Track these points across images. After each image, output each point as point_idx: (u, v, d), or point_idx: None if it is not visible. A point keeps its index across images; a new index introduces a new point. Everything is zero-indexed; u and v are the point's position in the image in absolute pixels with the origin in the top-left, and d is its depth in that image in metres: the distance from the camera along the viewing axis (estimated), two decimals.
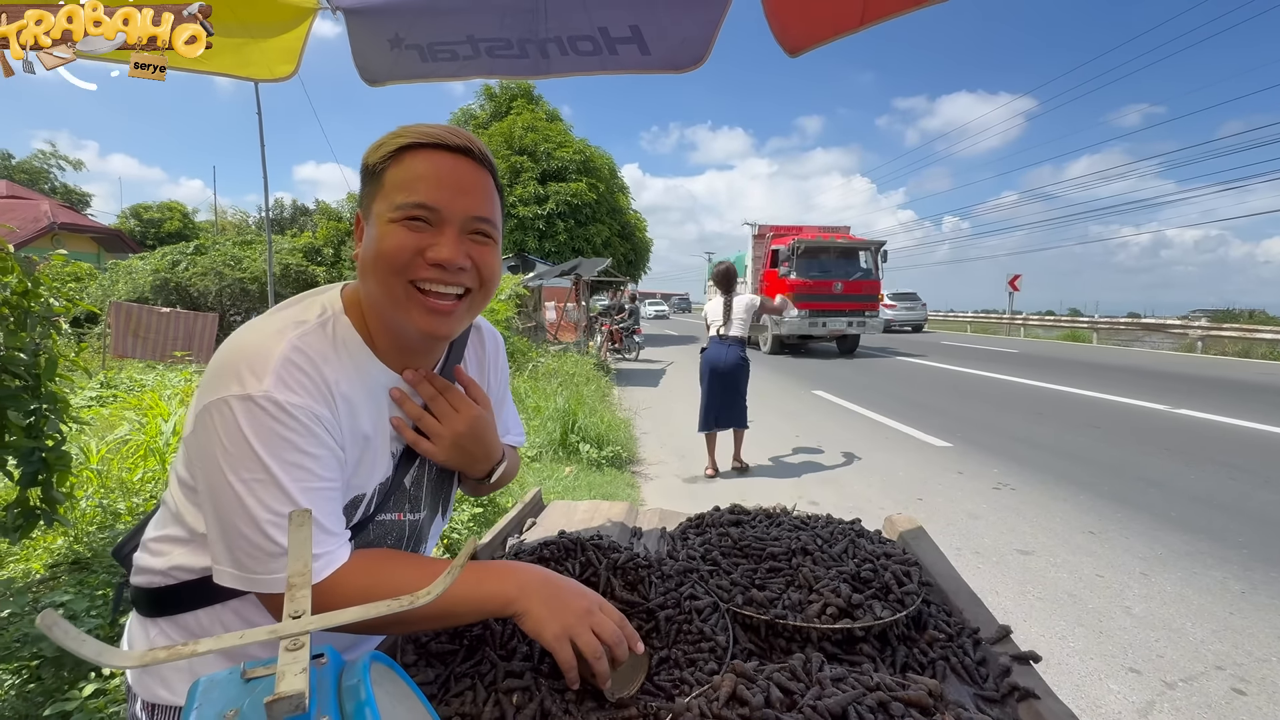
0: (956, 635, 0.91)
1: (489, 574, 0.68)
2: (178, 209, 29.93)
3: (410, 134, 0.69)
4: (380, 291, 0.70)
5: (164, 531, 0.74)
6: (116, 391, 6.36)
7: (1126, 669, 2.25)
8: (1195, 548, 3.32)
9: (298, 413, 0.64)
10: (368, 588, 0.64)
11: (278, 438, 0.62)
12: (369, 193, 0.71)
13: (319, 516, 0.64)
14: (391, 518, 0.79)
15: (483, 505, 3.09)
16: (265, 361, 0.64)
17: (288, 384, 0.64)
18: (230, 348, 0.67)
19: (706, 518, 1.17)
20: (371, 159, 0.70)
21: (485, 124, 20.14)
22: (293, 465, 0.63)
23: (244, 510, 0.62)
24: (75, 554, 2.63)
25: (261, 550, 0.62)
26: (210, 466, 0.63)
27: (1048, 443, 5.74)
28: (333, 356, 0.69)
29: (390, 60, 1.15)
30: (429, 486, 0.84)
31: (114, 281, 13.41)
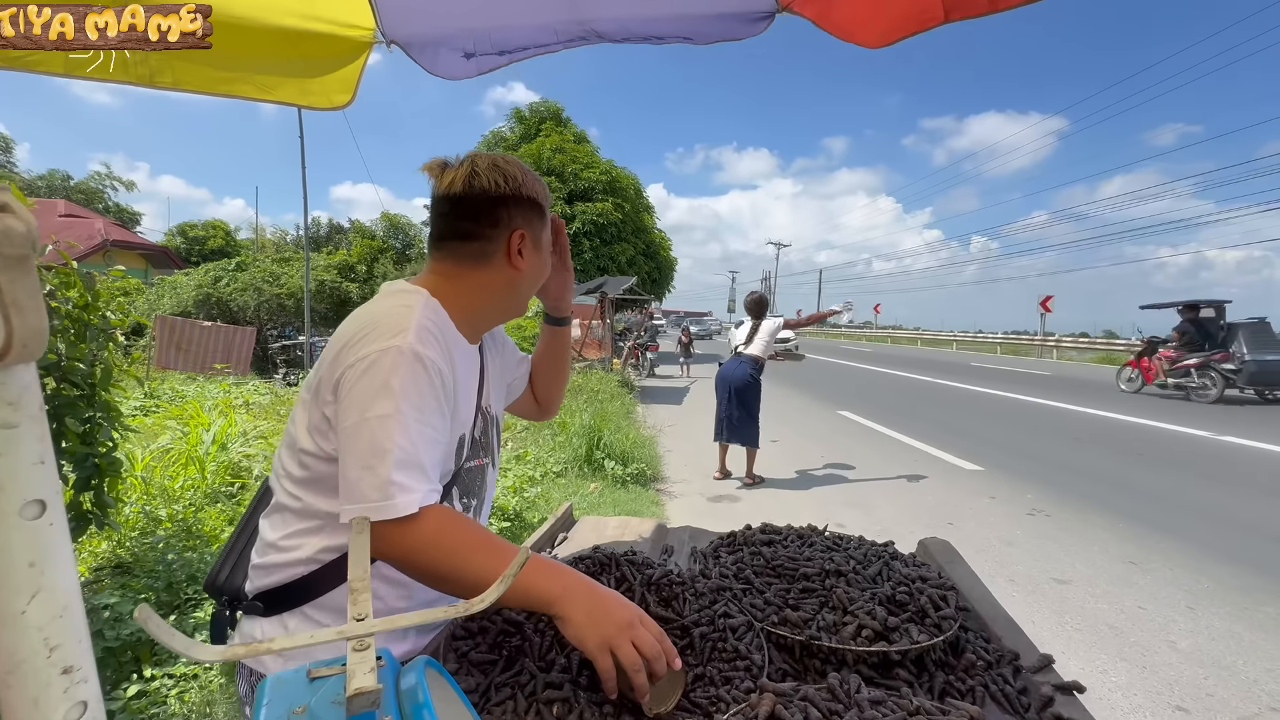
0: (996, 662, 0.89)
1: (540, 569, 0.71)
2: (221, 227, 31.18)
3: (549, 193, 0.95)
4: (529, 294, 0.96)
5: (292, 529, 0.83)
6: (159, 401, 6.60)
7: (1174, 707, 2.15)
8: (1245, 581, 3.17)
9: (429, 365, 0.76)
10: (447, 535, 0.72)
11: (412, 382, 0.74)
12: (540, 225, 0.93)
13: (422, 458, 0.74)
14: (474, 464, 0.94)
15: (510, 519, 3.12)
16: (405, 322, 0.77)
17: (424, 340, 0.77)
18: (363, 320, 0.79)
19: (739, 536, 1.17)
20: (544, 204, 0.93)
21: (515, 146, 20.60)
22: (417, 408, 0.74)
23: (374, 443, 0.71)
24: (118, 558, 2.73)
25: (380, 478, 0.70)
26: (350, 409, 0.73)
27: (1084, 468, 5.56)
28: (444, 325, 0.84)
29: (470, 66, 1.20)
30: (490, 436, 1.00)
31: (160, 296, 13.97)
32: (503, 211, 0.88)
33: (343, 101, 1.19)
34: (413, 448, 0.72)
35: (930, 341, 35.05)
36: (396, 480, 0.70)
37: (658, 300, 24.72)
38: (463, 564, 0.70)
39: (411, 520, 0.70)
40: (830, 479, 5.26)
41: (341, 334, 0.80)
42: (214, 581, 0.91)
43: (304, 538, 0.83)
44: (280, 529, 0.84)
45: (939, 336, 35.12)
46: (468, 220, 0.88)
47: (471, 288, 0.90)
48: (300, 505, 0.83)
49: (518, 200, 0.89)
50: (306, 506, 0.82)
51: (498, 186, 0.87)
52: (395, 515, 0.69)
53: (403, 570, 0.74)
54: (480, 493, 0.99)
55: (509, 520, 3.09)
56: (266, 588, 0.84)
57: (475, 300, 0.90)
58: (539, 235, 0.93)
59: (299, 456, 0.82)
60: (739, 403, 4.90)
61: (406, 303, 0.81)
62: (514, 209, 0.89)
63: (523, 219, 0.90)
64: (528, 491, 3.64)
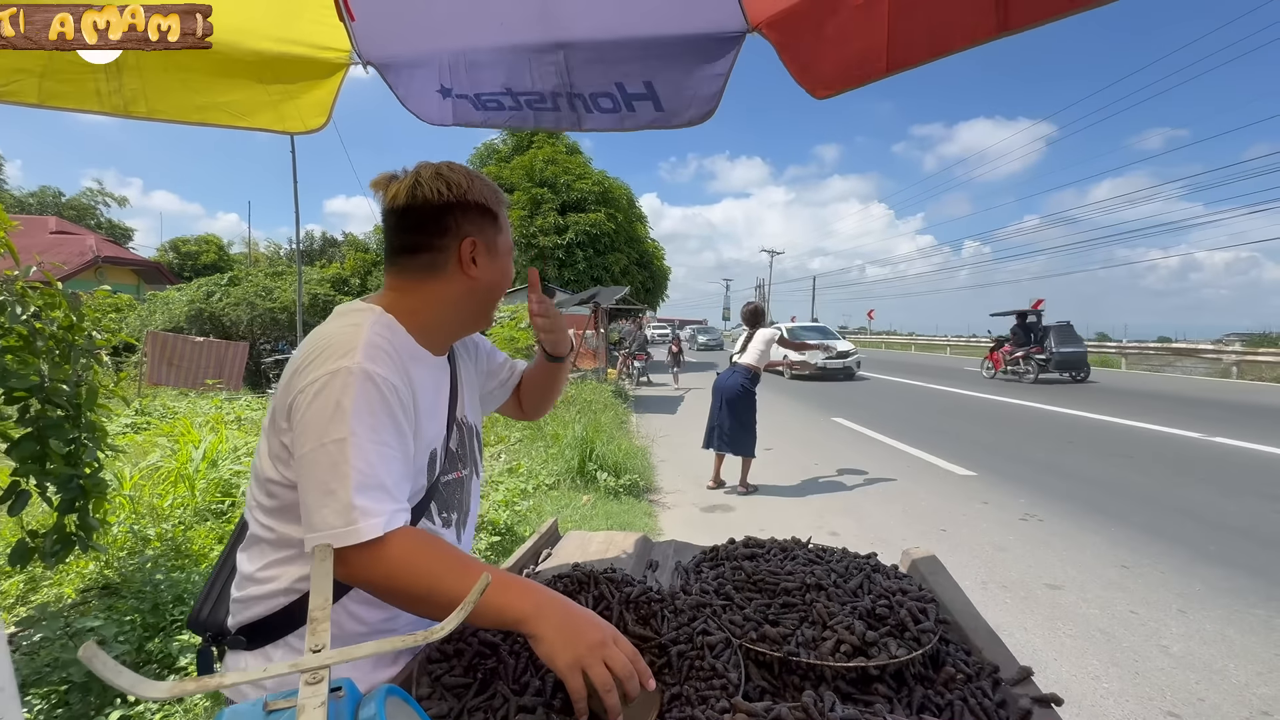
0: (975, 675, 0.89)
1: (511, 587, 0.71)
2: (214, 242, 31.11)
3: (504, 195, 0.94)
4: (492, 302, 0.94)
5: (268, 560, 0.83)
6: (150, 418, 6.55)
7: (1165, 713, 2.15)
8: (1236, 584, 3.18)
9: (381, 383, 0.75)
10: (414, 557, 0.71)
11: (364, 401, 0.73)
12: (494, 230, 0.90)
13: (384, 478, 0.73)
14: (452, 477, 0.94)
15: (500, 534, 3.10)
16: (353, 342, 0.76)
17: (373, 358, 0.76)
18: (312, 343, 0.79)
19: (721, 551, 1.17)
20: (495, 207, 0.90)
21: (507, 158, 20.67)
22: (371, 428, 0.73)
23: (334, 467, 0.70)
24: (106, 579, 2.70)
25: (340, 503, 0.69)
26: (305, 436, 0.73)
27: (1077, 472, 5.58)
28: (399, 341, 0.83)
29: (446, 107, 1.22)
30: (468, 447, 0.99)
31: (152, 312, 13.90)
32: (449, 220, 0.87)
33: (317, 124, 1.20)
34: (371, 469, 0.71)
35: (924, 346, 35.19)
36: (358, 504, 0.69)
37: (652, 310, 24.76)
38: (435, 585, 0.70)
39: (378, 544, 0.70)
40: (823, 486, 5.26)
41: (293, 359, 0.80)
42: (197, 618, 0.91)
43: (280, 568, 0.82)
44: (257, 561, 0.83)
45: (933, 341, 35.27)
46: (414, 232, 0.87)
47: (427, 301, 0.88)
48: (274, 536, 0.82)
49: (464, 207, 0.87)
50: (280, 536, 0.82)
51: (441, 195, 0.85)
52: (360, 540, 0.68)
53: (375, 595, 0.74)
54: (461, 506, 0.98)
55: (500, 534, 3.07)
56: (248, 621, 0.83)
57: (432, 313, 0.89)
58: (493, 241, 0.90)
59: (266, 486, 0.82)
60: (731, 413, 4.90)
61: (354, 321, 0.81)
62: (461, 216, 0.87)
63: (472, 226, 0.88)
64: (519, 505, 3.63)
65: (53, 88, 0.97)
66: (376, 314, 0.83)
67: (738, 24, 1.05)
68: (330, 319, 0.85)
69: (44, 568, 2.62)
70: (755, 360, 4.90)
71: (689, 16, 1.06)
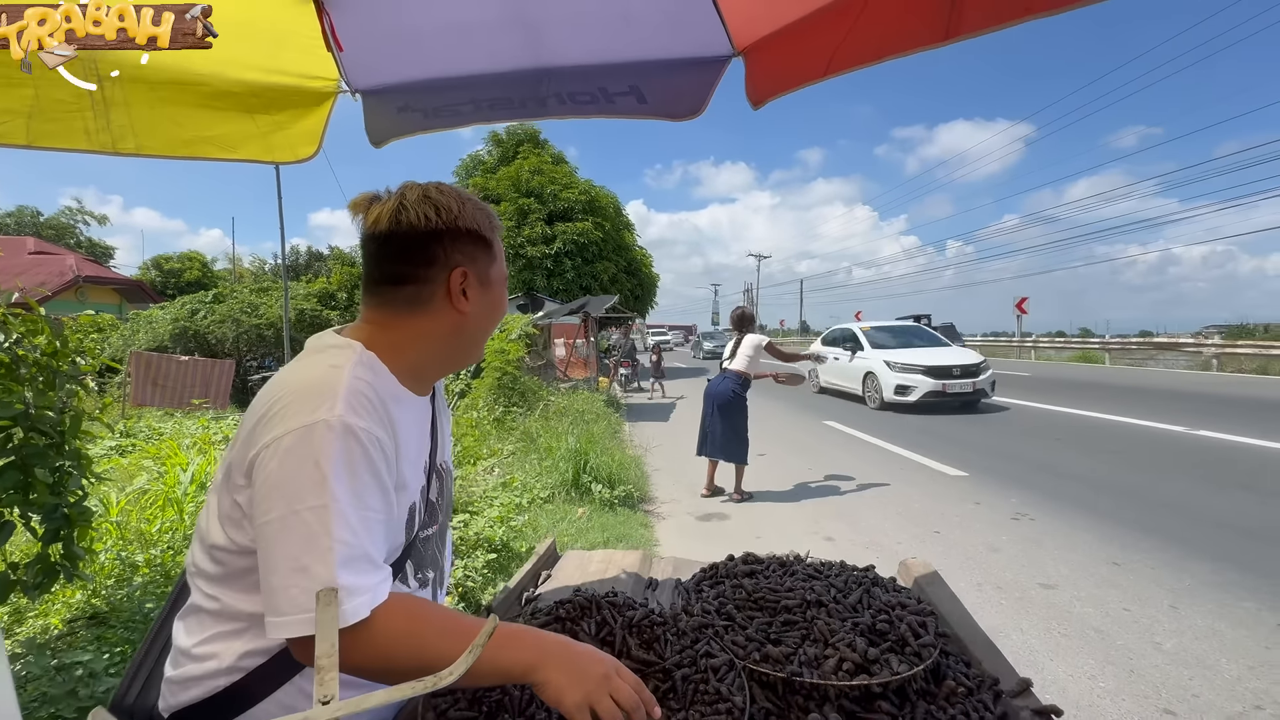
0: (976, 689, 0.90)
1: (511, 641, 0.68)
2: (197, 259, 30.78)
3: (498, 219, 0.86)
4: (483, 338, 0.87)
5: (209, 633, 0.72)
6: (135, 440, 6.45)
7: (1161, 710, 2.18)
8: (1225, 577, 3.23)
9: (364, 438, 0.67)
10: (406, 632, 0.65)
11: (344, 461, 0.65)
12: (486, 260, 0.83)
13: (368, 548, 0.66)
14: (431, 531, 0.87)
15: (497, 551, 3.08)
16: (333, 389, 0.67)
17: (355, 409, 0.67)
18: (282, 388, 0.69)
19: (721, 568, 1.17)
20: (489, 234, 0.83)
21: (493, 169, 20.67)
22: (353, 492, 0.65)
23: (311, 540, 0.62)
24: (93, 608, 2.64)
25: (317, 582, 0.61)
26: (271, 500, 0.64)
27: (1066, 469, 5.65)
28: (381, 383, 0.74)
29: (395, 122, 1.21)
30: (444, 495, 0.92)
31: (135, 331, 13.71)
32: (437, 249, 0.78)
33: (307, 154, 1.20)
34: (355, 539, 0.64)
35: None
36: (343, 583, 0.61)
37: (641, 317, 24.79)
38: (435, 657, 0.62)
39: (365, 624, 0.63)
40: (818, 491, 5.27)
41: (256, 405, 0.70)
42: (121, 702, 0.79)
43: (223, 642, 0.72)
44: (196, 634, 0.73)
45: None
46: (398, 261, 0.78)
47: (411, 337, 0.79)
48: (218, 606, 0.72)
49: (454, 234, 0.78)
50: (225, 607, 0.72)
51: (428, 220, 0.76)
52: (345, 624, 0.61)
53: (365, 678, 0.67)
54: (438, 562, 0.90)
55: (495, 551, 3.05)
56: (183, 705, 0.72)
57: (418, 351, 0.80)
58: (485, 271, 0.82)
59: (211, 552, 0.72)
60: (723, 419, 4.89)
61: (334, 362, 0.72)
62: (451, 245, 0.78)
63: (463, 255, 0.79)
64: (515, 520, 3.61)
65: (40, 128, 0.96)
66: (357, 353, 0.74)
67: (724, 49, 1.07)
68: (304, 356, 0.76)
69: (26, 599, 2.56)
70: (745, 366, 4.90)
71: (676, 42, 1.07)
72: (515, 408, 7.68)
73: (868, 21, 0.91)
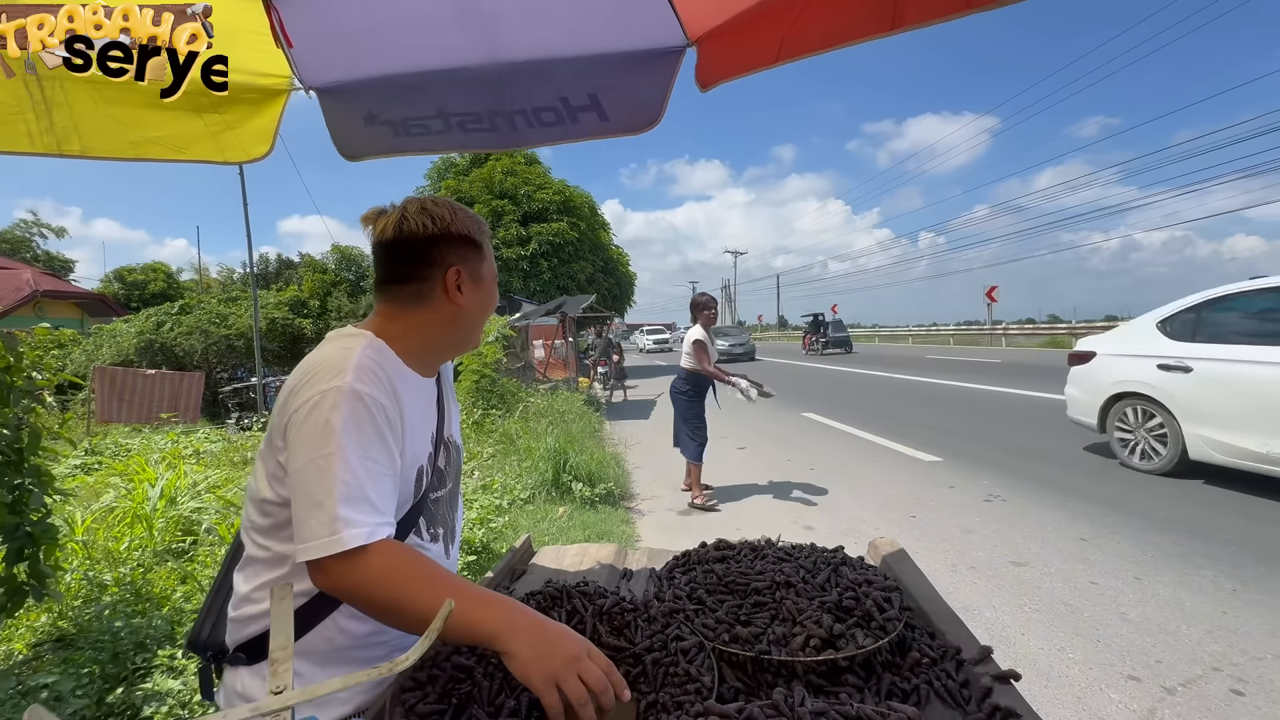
0: (940, 659, 0.92)
1: (484, 603, 0.73)
2: (161, 270, 29.94)
3: (486, 226, 0.99)
4: (478, 327, 1.00)
5: (264, 579, 0.86)
6: (101, 458, 6.26)
7: (1126, 677, 2.26)
8: (1185, 548, 3.35)
9: (369, 402, 0.79)
10: (392, 570, 0.74)
11: (351, 419, 0.77)
12: (477, 260, 0.96)
13: (368, 491, 0.77)
14: (441, 494, 0.99)
15: (476, 552, 3.06)
16: (344, 364, 0.81)
17: (362, 378, 0.80)
18: (306, 366, 0.83)
19: (693, 555, 1.19)
20: (479, 238, 0.95)
21: (465, 171, 20.48)
22: (358, 444, 0.77)
23: (323, 480, 0.74)
24: (60, 630, 2.57)
25: (327, 514, 0.73)
26: (297, 452, 0.77)
27: (1036, 451, 5.80)
28: (388, 363, 0.87)
29: (366, 136, 1.21)
30: (451, 464, 1.04)
31: (98, 346, 13.31)
32: (434, 252, 0.92)
33: (260, 153, 1.18)
34: (356, 482, 0.75)
35: (887, 337, 36.04)
36: (342, 515, 0.73)
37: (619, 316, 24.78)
38: (411, 599, 0.72)
39: (359, 554, 0.73)
40: (796, 481, 5.34)
41: (289, 382, 0.84)
42: (196, 639, 0.94)
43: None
44: (253, 580, 0.87)
45: (895, 332, 36.16)
46: (402, 264, 0.93)
47: (415, 325, 0.93)
48: (269, 554, 0.85)
49: (448, 239, 0.92)
50: (275, 554, 0.85)
51: (426, 228, 0.90)
52: (342, 549, 0.72)
53: (353, 605, 0.76)
54: (448, 521, 1.03)
55: (475, 553, 3.03)
56: (246, 638, 0.86)
57: (421, 337, 0.94)
58: (477, 269, 0.96)
59: (261, 506, 0.85)
60: (676, 413, 4.85)
61: (346, 345, 0.85)
62: (446, 248, 0.92)
63: (456, 255, 0.93)
64: (494, 521, 3.59)
65: None
66: (368, 339, 0.87)
67: (678, 39, 1.08)
68: (323, 344, 0.89)
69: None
70: (689, 363, 4.65)
71: (630, 34, 1.08)
72: (494, 410, 7.62)
73: (816, 10, 0.93)
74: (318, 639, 0.85)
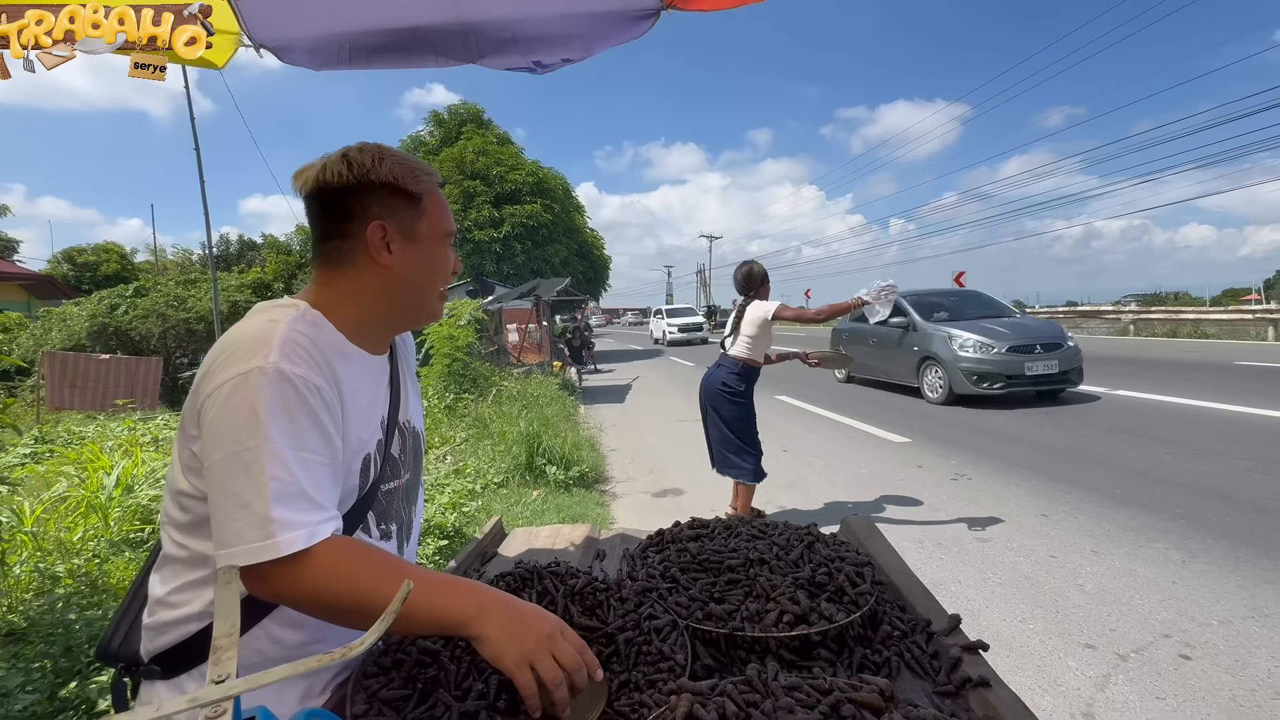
0: (910, 631, 0.93)
1: (449, 589, 0.68)
2: (115, 250, 28.62)
3: (434, 175, 0.87)
4: (421, 293, 0.87)
5: (182, 581, 0.77)
6: (53, 446, 6.00)
7: (1083, 645, 2.35)
8: (1139, 522, 3.50)
9: (300, 383, 0.70)
10: (339, 567, 0.67)
11: (280, 404, 0.68)
12: (411, 215, 0.83)
13: (306, 486, 0.68)
14: (393, 485, 0.89)
15: (449, 537, 3.03)
16: (268, 340, 0.71)
17: (290, 357, 0.71)
18: (224, 343, 0.73)
19: (666, 534, 1.18)
20: (413, 187, 0.82)
21: (435, 150, 19.98)
22: (289, 433, 0.68)
23: (249, 476, 0.66)
24: (10, 624, 2.46)
25: (256, 515, 0.65)
26: (216, 443, 0.68)
27: (1000, 431, 5.97)
28: (322, 336, 0.78)
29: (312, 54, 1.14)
30: (409, 452, 0.94)
31: (47, 330, 12.70)
32: (354, 204, 0.80)
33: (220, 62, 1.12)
34: (292, 477, 0.67)
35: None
36: (276, 517, 0.65)
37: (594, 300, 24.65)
38: (369, 595, 0.65)
39: (302, 557, 0.65)
40: (771, 463, 5.36)
41: (205, 361, 0.74)
42: (107, 648, 0.83)
43: (194, 590, 0.76)
44: (169, 583, 0.77)
45: None
46: (322, 219, 0.83)
47: (349, 292, 0.83)
48: (187, 554, 0.76)
49: (369, 188, 0.80)
50: (194, 555, 0.76)
51: (341, 177, 0.79)
52: (279, 555, 0.64)
53: (305, 612, 0.70)
54: (403, 516, 0.93)
55: (448, 538, 3.00)
56: (161, 649, 0.77)
57: (357, 308, 0.83)
58: (411, 225, 0.83)
59: (178, 500, 0.76)
60: (719, 423, 3.57)
61: (271, 318, 0.75)
62: (366, 199, 0.80)
63: (381, 208, 0.81)
64: (467, 506, 3.55)
65: None
66: (299, 310, 0.77)
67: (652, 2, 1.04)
68: (246, 317, 0.78)
69: None
70: (747, 351, 3.46)
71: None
72: (466, 394, 7.53)
73: None
74: (248, 650, 0.76)
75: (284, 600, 0.68)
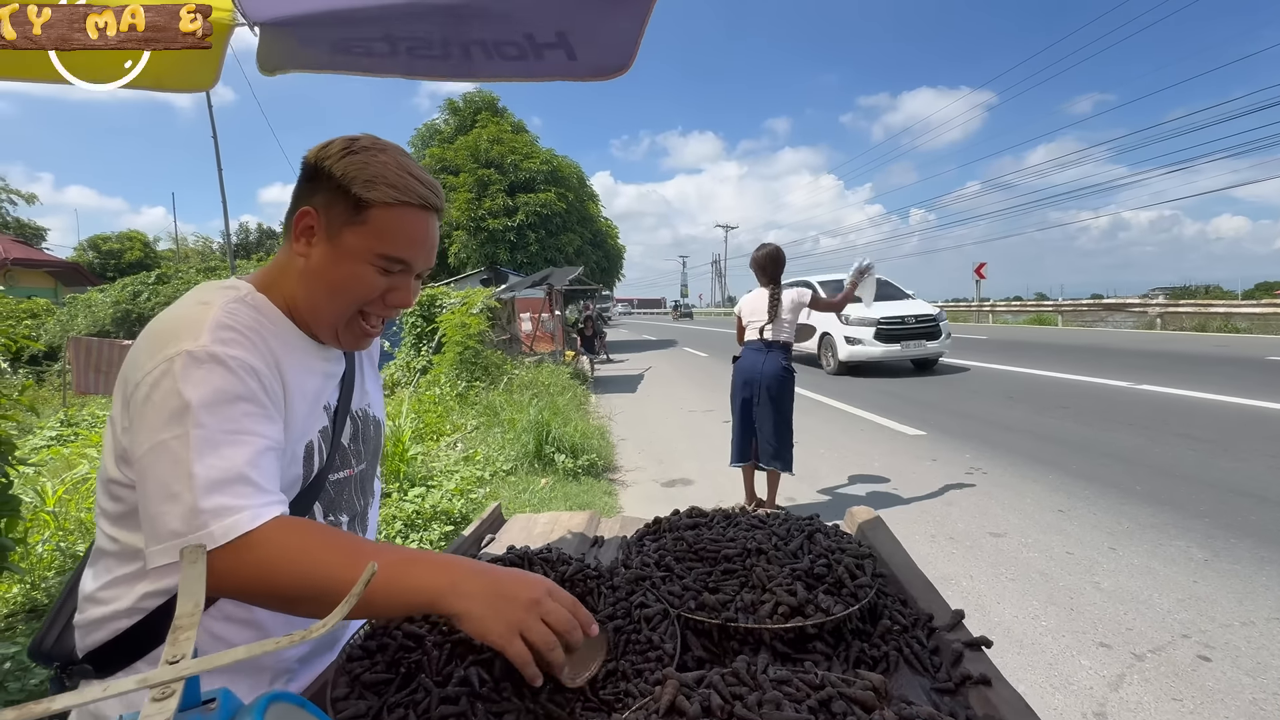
0: (911, 626, 0.90)
1: (418, 564, 0.63)
2: (138, 238, 29.22)
3: (406, 193, 0.75)
4: (330, 311, 0.79)
5: (112, 576, 0.73)
6: (78, 429, 6.15)
7: (1097, 644, 2.29)
8: (1159, 519, 3.41)
9: (234, 365, 0.67)
10: (286, 550, 0.62)
11: (210, 388, 0.65)
12: (346, 218, 0.75)
13: (248, 470, 0.64)
14: (343, 475, 0.86)
15: (455, 524, 3.04)
16: (199, 323, 0.67)
17: (223, 340, 0.67)
18: (152, 327, 0.70)
19: (664, 522, 1.16)
20: (360, 191, 0.74)
21: (450, 138, 20.00)
22: (223, 417, 0.65)
23: (176, 466, 0.62)
24: (32, 601, 2.53)
25: (185, 507, 0.61)
26: (143, 433, 0.64)
27: (1018, 425, 5.86)
28: (262, 320, 0.75)
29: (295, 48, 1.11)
30: (365, 441, 0.91)
31: (72, 316, 13.01)
32: (304, 184, 0.78)
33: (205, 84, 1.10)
34: (225, 463, 0.63)
35: None
36: (207, 506, 0.60)
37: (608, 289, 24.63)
38: (327, 575, 0.60)
39: (243, 542, 0.61)
40: None
41: (134, 348, 0.70)
42: (39, 647, 0.79)
43: (124, 585, 0.73)
44: (100, 577, 0.74)
45: None
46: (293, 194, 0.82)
47: (281, 271, 0.80)
48: (117, 547, 0.72)
49: (317, 173, 0.76)
50: (124, 548, 0.72)
51: (311, 156, 0.77)
52: (214, 544, 0.60)
53: (253, 603, 0.66)
54: (355, 506, 0.89)
55: (454, 524, 3.01)
56: (92, 646, 0.73)
57: (284, 288, 0.80)
58: (339, 228, 0.76)
59: (109, 488, 0.72)
60: (776, 410, 3.54)
61: (203, 299, 0.72)
62: (313, 184, 0.77)
63: (319, 199, 0.76)
64: (475, 493, 3.57)
65: None
66: (238, 292, 0.74)
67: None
68: (179, 300, 0.75)
69: None
70: (788, 335, 3.65)
71: None
72: (478, 382, 7.56)
73: None
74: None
75: (229, 591, 0.63)
